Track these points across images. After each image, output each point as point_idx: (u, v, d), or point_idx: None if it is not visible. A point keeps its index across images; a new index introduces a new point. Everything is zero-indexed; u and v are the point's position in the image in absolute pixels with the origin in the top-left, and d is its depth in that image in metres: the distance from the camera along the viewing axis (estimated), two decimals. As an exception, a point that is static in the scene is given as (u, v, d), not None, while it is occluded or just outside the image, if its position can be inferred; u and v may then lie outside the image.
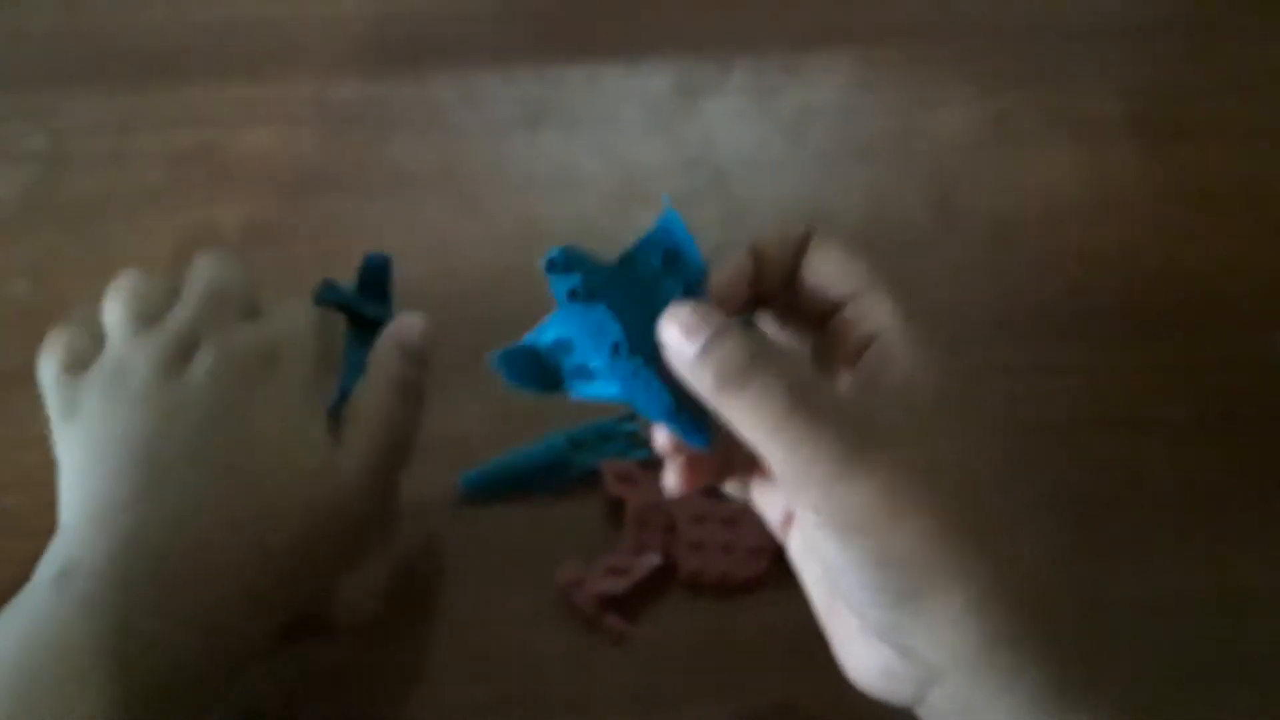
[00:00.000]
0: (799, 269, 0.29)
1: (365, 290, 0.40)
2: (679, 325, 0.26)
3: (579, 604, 0.38)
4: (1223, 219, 0.50)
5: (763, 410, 0.25)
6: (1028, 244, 0.49)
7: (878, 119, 0.53)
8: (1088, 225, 0.49)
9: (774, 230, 0.30)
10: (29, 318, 0.47)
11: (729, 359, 0.25)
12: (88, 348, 0.35)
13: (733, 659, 0.38)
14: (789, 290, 0.30)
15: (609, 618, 0.38)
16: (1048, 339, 0.46)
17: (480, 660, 0.38)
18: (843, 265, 0.29)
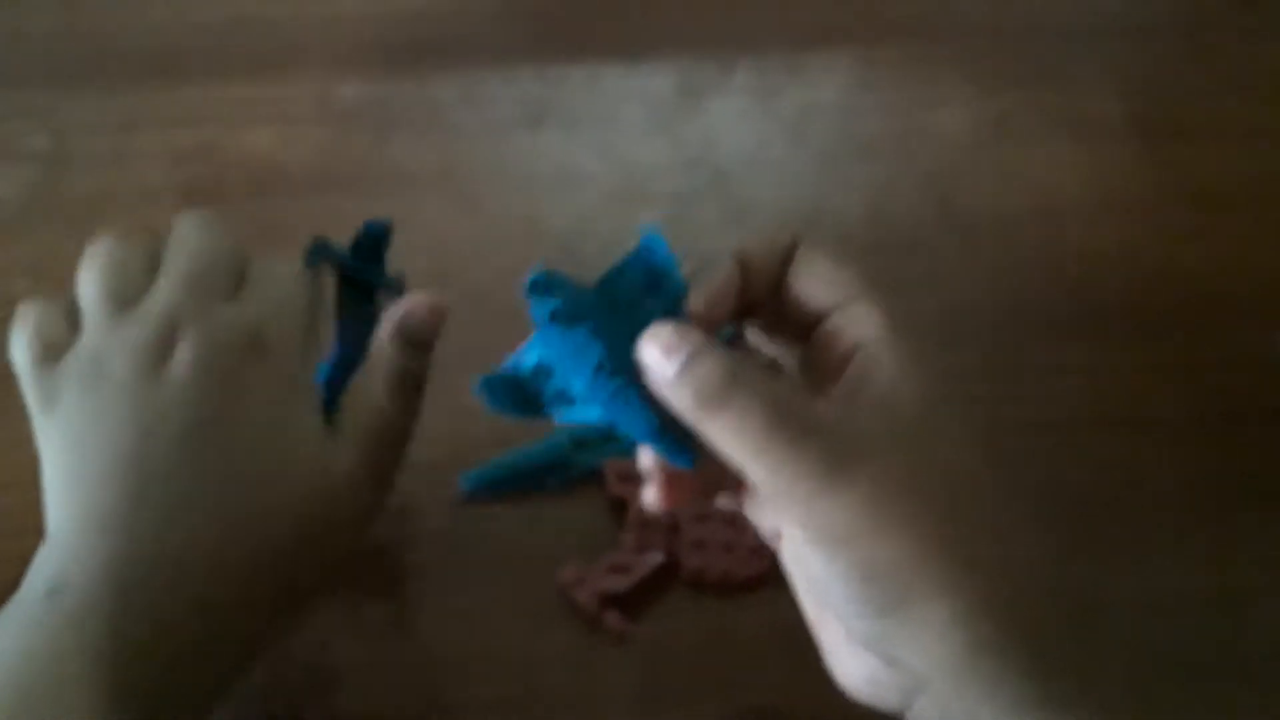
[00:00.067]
0: (785, 277, 0.29)
1: (359, 255, 0.38)
2: (658, 345, 0.26)
3: (580, 603, 0.38)
4: (1223, 219, 0.50)
5: (743, 429, 0.25)
6: (1028, 243, 0.49)
7: (878, 119, 0.53)
8: (1088, 225, 0.50)
9: (760, 238, 0.29)
10: (30, 317, 0.47)
11: (708, 378, 0.25)
12: (62, 330, 0.33)
13: (735, 657, 0.38)
14: (775, 299, 0.29)
15: (610, 616, 0.38)
16: (1048, 338, 0.46)
17: (481, 659, 0.38)
18: (829, 275, 0.29)
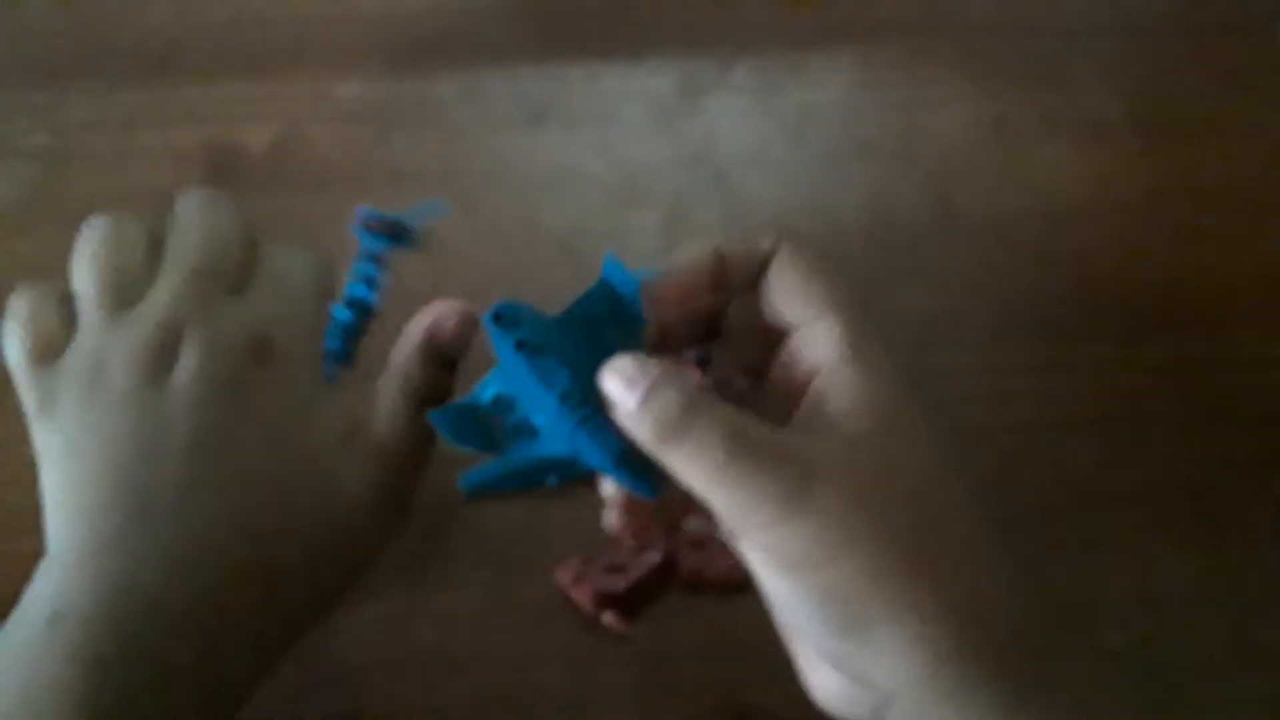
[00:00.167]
0: (760, 284, 0.29)
1: (398, 228, 0.35)
2: (619, 378, 0.26)
3: (579, 602, 0.38)
4: (1223, 218, 0.50)
5: (701, 459, 0.25)
6: (1027, 243, 0.49)
7: (878, 118, 0.53)
8: (1087, 224, 0.50)
9: (742, 237, 0.29)
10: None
11: (667, 410, 0.26)
12: (56, 325, 0.32)
13: (733, 657, 0.38)
14: (750, 304, 0.30)
15: (607, 616, 0.38)
16: (1047, 337, 0.46)
17: (480, 658, 0.38)
18: (799, 287, 0.29)
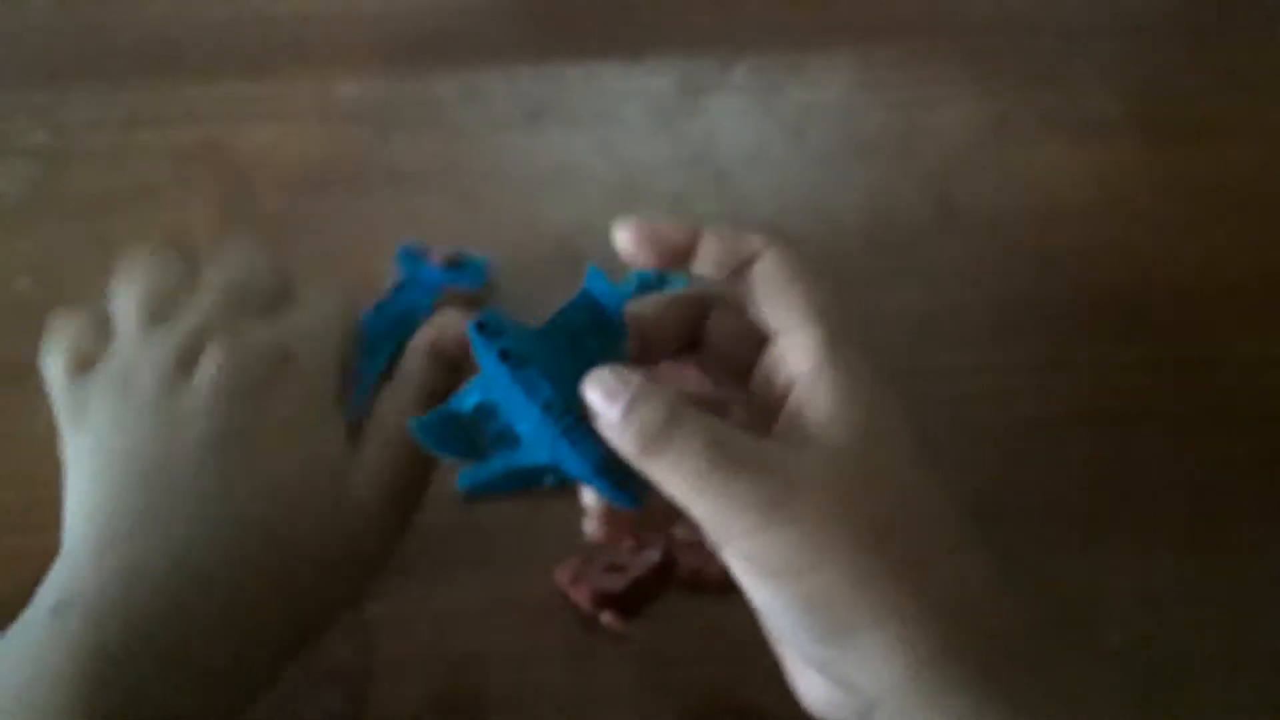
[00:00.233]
0: (743, 283, 0.29)
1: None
2: (600, 390, 0.26)
3: (577, 601, 0.38)
4: (1223, 217, 0.50)
5: (683, 469, 0.26)
6: (1027, 242, 0.49)
7: (879, 117, 0.53)
8: (1088, 223, 0.49)
9: (732, 232, 0.29)
10: (31, 314, 0.47)
11: (649, 422, 0.26)
12: (94, 342, 0.33)
13: (731, 656, 0.37)
14: (715, 328, 0.30)
15: (605, 616, 0.38)
16: (1047, 336, 0.46)
17: (480, 658, 0.38)
18: (781, 292, 0.29)
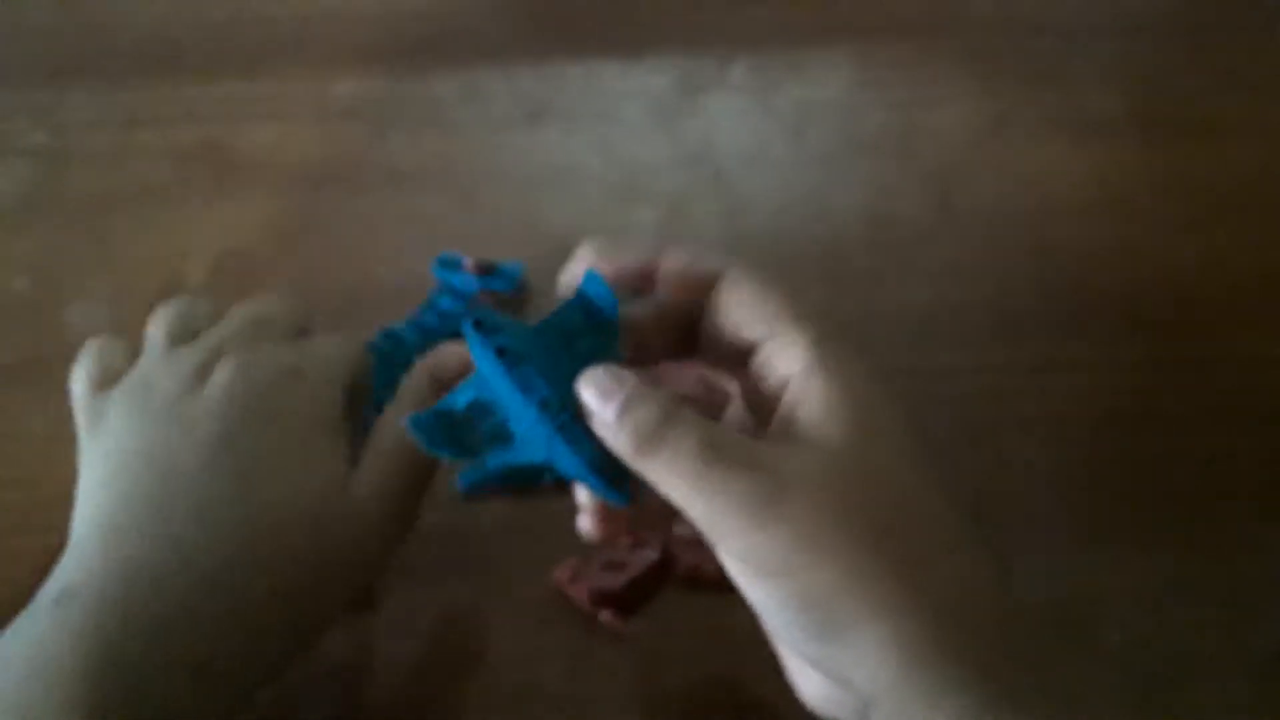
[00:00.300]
0: (710, 305, 0.29)
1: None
2: (595, 389, 0.27)
3: (576, 600, 0.38)
4: (1223, 216, 0.50)
5: (677, 469, 0.26)
6: (1027, 240, 0.49)
7: (878, 116, 0.53)
8: (1087, 222, 0.49)
9: (682, 261, 0.29)
10: (29, 314, 0.48)
11: (643, 422, 0.26)
12: (120, 363, 0.34)
13: (730, 654, 0.38)
14: (706, 325, 0.30)
15: (604, 614, 0.38)
16: (1047, 335, 0.46)
17: (478, 656, 0.38)
18: (754, 304, 0.29)
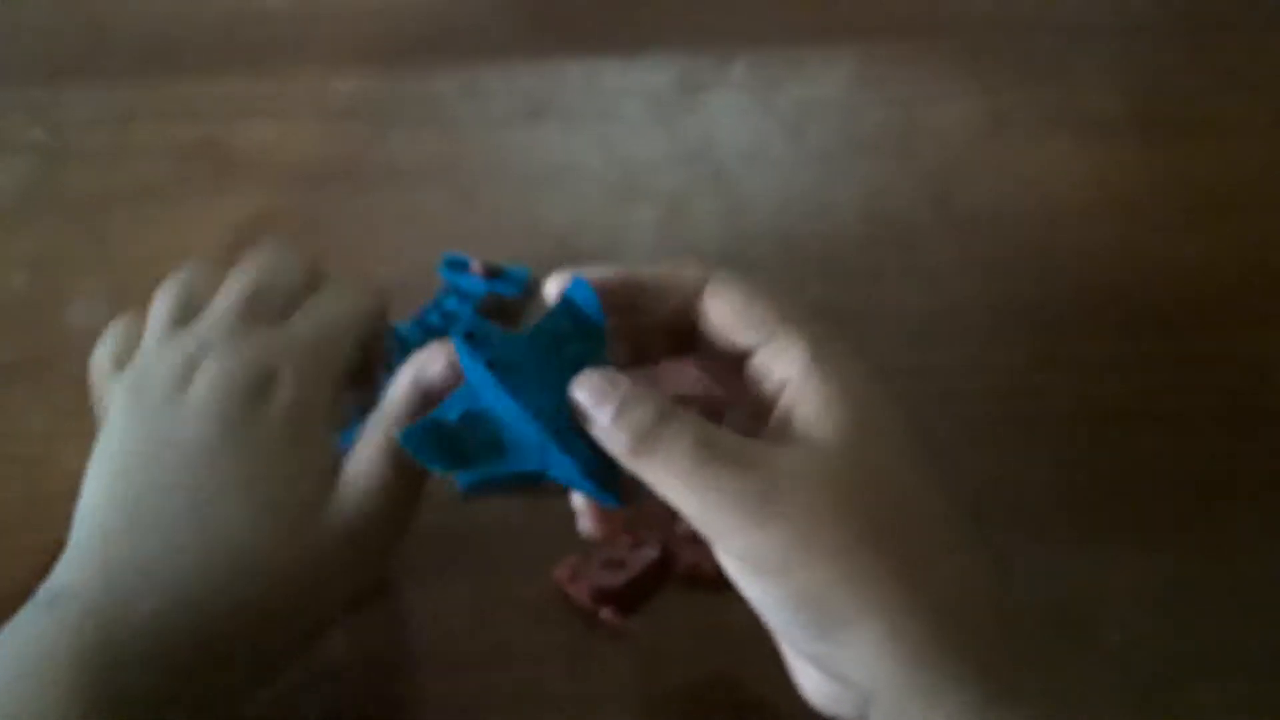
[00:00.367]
0: (699, 315, 0.29)
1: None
2: (589, 391, 0.27)
3: (576, 598, 0.38)
4: (1223, 215, 0.50)
5: (673, 469, 0.26)
6: (1026, 240, 0.49)
7: (878, 114, 0.53)
8: (1087, 221, 0.49)
9: (664, 274, 0.29)
10: (28, 312, 0.47)
11: (639, 423, 0.26)
12: (132, 346, 0.34)
13: (731, 652, 0.38)
14: (696, 334, 0.30)
15: (604, 612, 0.38)
16: (1047, 335, 0.46)
17: (478, 654, 0.38)
18: (743, 312, 0.29)
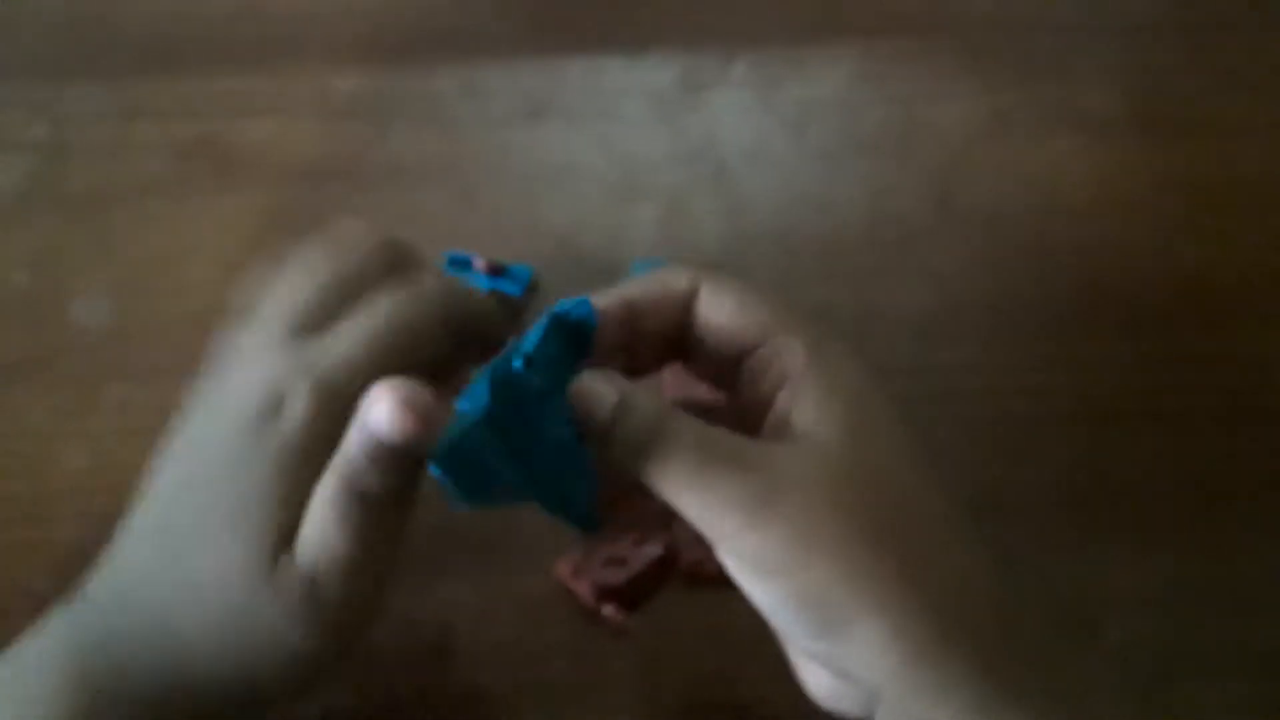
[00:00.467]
0: (693, 320, 0.29)
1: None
2: (585, 396, 0.27)
3: (579, 595, 0.38)
4: (1223, 214, 0.50)
5: (671, 471, 0.26)
6: (1027, 238, 0.49)
7: (879, 113, 0.53)
8: (1088, 220, 0.49)
9: (652, 281, 0.29)
10: (29, 309, 0.47)
11: (637, 425, 0.26)
12: (316, 311, 0.31)
13: (733, 650, 0.38)
14: (690, 340, 0.29)
15: (607, 609, 0.38)
16: (1047, 334, 0.46)
17: (479, 651, 0.38)
18: (738, 314, 0.28)
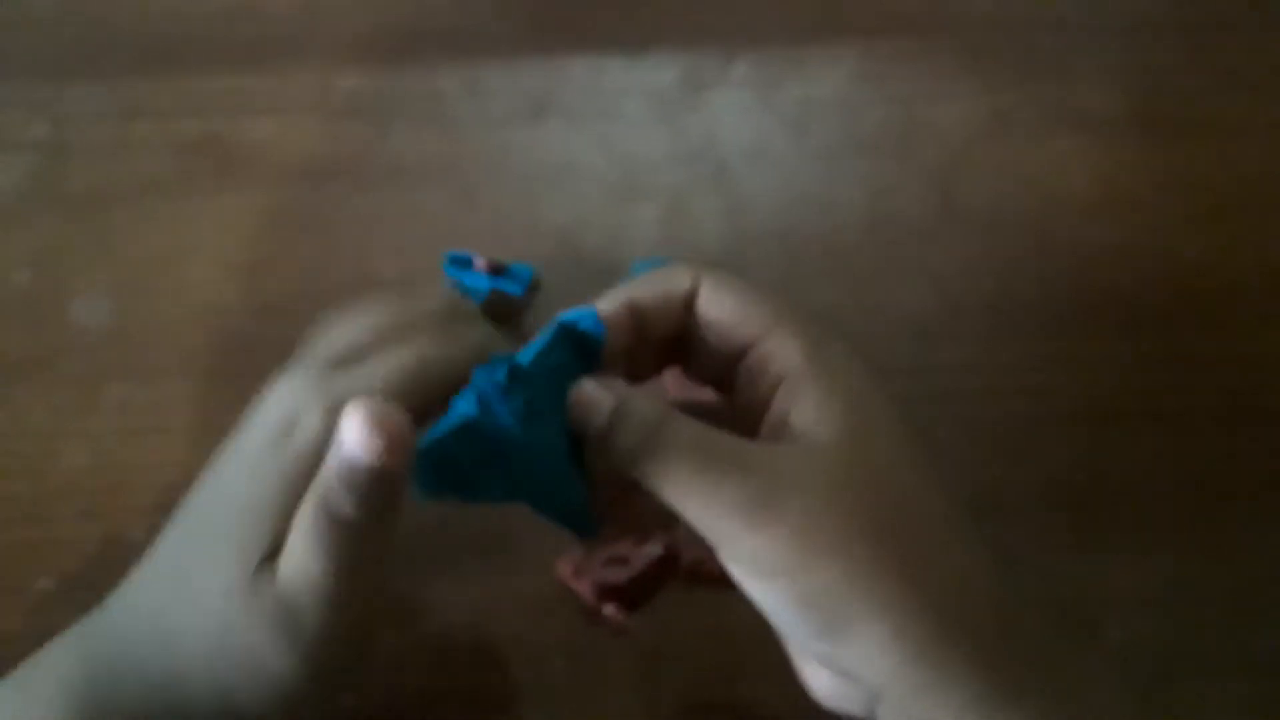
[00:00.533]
0: (693, 319, 0.29)
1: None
2: (584, 402, 0.27)
3: (580, 594, 0.38)
4: (1223, 215, 0.50)
5: (670, 473, 0.26)
6: (1028, 238, 0.49)
7: (879, 113, 0.53)
8: (1089, 219, 0.49)
9: (655, 282, 0.29)
10: (30, 308, 0.47)
11: (636, 429, 0.26)
12: (355, 342, 0.31)
13: (733, 649, 0.38)
14: (689, 339, 0.30)
15: (607, 609, 0.38)
16: (1048, 333, 0.46)
17: (481, 651, 0.38)
18: (739, 310, 0.28)
